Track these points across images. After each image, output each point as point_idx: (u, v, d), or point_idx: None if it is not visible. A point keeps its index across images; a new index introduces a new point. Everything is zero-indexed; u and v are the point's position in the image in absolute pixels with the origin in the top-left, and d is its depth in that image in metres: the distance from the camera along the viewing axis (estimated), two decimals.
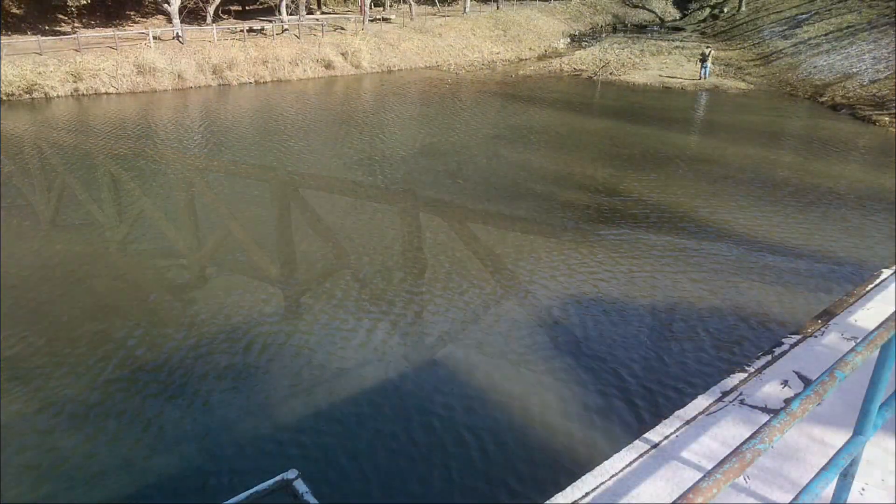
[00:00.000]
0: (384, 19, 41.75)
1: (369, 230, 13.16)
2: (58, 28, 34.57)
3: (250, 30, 34.28)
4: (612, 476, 3.15)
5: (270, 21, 36.56)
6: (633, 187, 15.81)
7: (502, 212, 14.20)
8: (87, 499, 6.48)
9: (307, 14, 38.51)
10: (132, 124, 22.29)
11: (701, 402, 3.76)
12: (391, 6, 48.64)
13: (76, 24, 35.29)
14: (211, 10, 35.16)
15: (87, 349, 8.96)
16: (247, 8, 43.34)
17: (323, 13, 44.69)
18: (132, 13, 38.95)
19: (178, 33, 31.35)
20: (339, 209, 14.34)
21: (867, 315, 4.65)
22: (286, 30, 34.93)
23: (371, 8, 41.93)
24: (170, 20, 32.32)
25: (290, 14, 36.76)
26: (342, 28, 37.85)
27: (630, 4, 64.59)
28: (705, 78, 30.44)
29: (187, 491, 6.58)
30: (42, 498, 6.50)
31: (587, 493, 3.04)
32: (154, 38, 30.78)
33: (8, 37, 31.21)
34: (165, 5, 31.79)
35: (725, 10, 52.20)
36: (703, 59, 30.70)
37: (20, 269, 11.33)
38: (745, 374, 4.02)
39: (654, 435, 3.45)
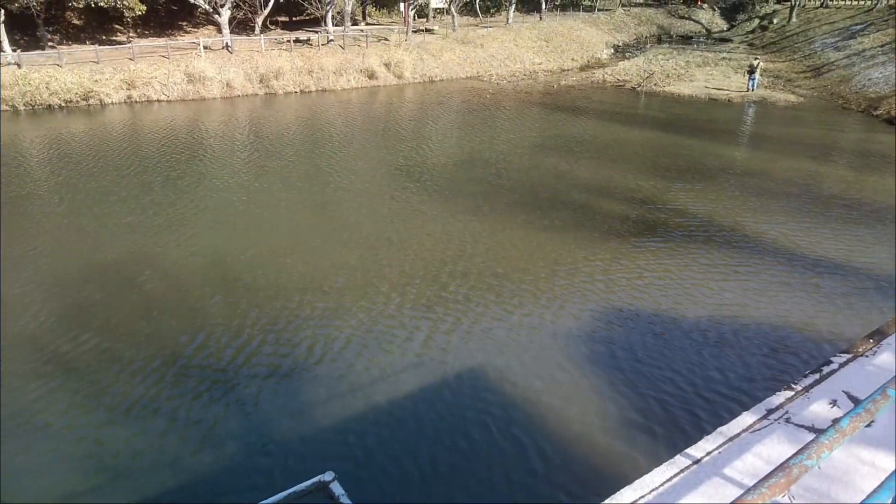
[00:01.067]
0: (427, 30, 42.14)
1: (411, 236, 13.26)
2: (114, 38, 36.03)
3: (297, 40, 35.06)
4: (652, 490, 3.11)
5: (316, 32, 37.33)
6: (677, 199, 15.56)
7: (543, 221, 14.14)
8: (135, 492, 6.69)
9: (352, 25, 39.19)
10: (183, 131, 23.02)
11: (745, 419, 3.67)
12: (434, 17, 49.09)
13: (131, 34, 36.73)
14: (259, 21, 36.11)
15: (138, 348, 9.27)
16: (294, 19, 44.35)
17: (368, 24, 45.38)
18: (184, 24, 40.34)
19: (227, 43, 32.29)
20: (380, 215, 14.50)
21: None
22: (331, 40, 35.61)
23: (414, 19, 42.40)
24: (220, 30, 33.33)
25: (336, 25, 37.46)
26: (386, 39, 38.37)
27: (676, 15, 63.80)
28: (753, 90, 29.77)
29: (229, 488, 6.73)
30: (92, 488, 6.74)
31: None
32: (204, 47, 31.77)
33: (68, 46, 32.67)
34: (216, 16, 32.81)
35: (775, 20, 51.06)
36: (751, 71, 30.05)
37: (75, 269, 11.79)
38: (792, 393, 3.91)
39: (695, 451, 3.39)
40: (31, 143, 21.27)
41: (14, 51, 28.49)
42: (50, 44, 32.27)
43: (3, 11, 28.12)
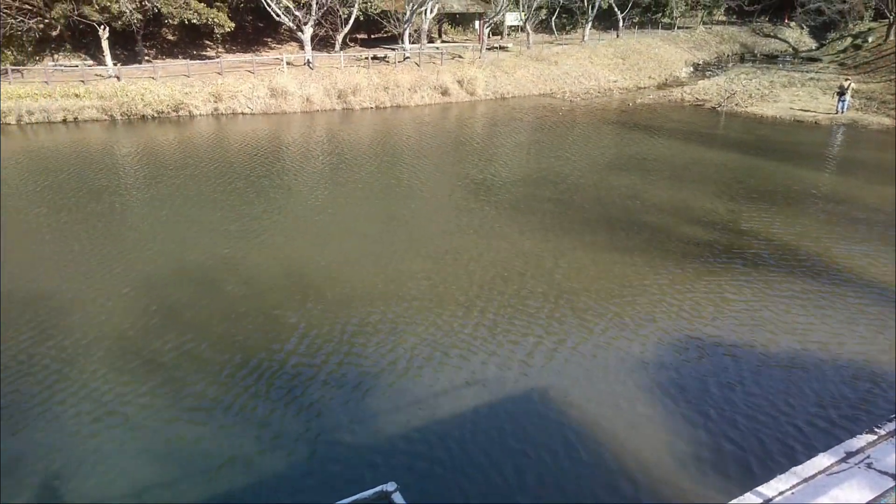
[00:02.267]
0: (501, 48, 42.42)
1: (479, 251, 13.36)
2: (204, 53, 38.17)
3: (374, 57, 36.08)
4: None
5: (393, 49, 38.30)
6: (758, 224, 14.98)
7: (615, 242, 13.94)
8: (204, 490, 7.03)
9: (428, 43, 39.96)
10: (266, 142, 24.09)
11: (822, 460, 3.53)
12: (509, 35, 49.36)
13: (220, 50, 38.81)
14: (340, 38, 37.40)
15: (217, 349, 9.76)
16: (372, 37, 45.61)
17: (443, 42, 46.14)
18: (269, 40, 42.27)
19: (308, 59, 33.59)
20: (451, 229, 14.69)
21: None
22: (407, 58, 36.42)
23: (489, 37, 42.77)
24: (302, 47, 34.72)
25: (413, 43, 38.30)
26: (460, 56, 38.89)
27: (760, 33, 61.58)
28: (843, 112, 28.30)
29: (294, 491, 6.98)
30: (163, 482, 7.14)
31: None
32: (287, 63, 33.19)
33: (162, 60, 34.89)
34: (299, 34, 34.21)
35: (870, 39, 48.41)
36: (842, 92, 28.58)
37: (166, 271, 12.54)
38: (875, 437, 3.72)
39: (767, 489, 3.29)
40: (128, 152, 22.79)
41: (115, 65, 30.73)
42: (146, 58, 34.58)
43: (107, 29, 30.40)
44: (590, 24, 47.15)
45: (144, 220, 15.55)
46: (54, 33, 32.87)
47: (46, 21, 31.11)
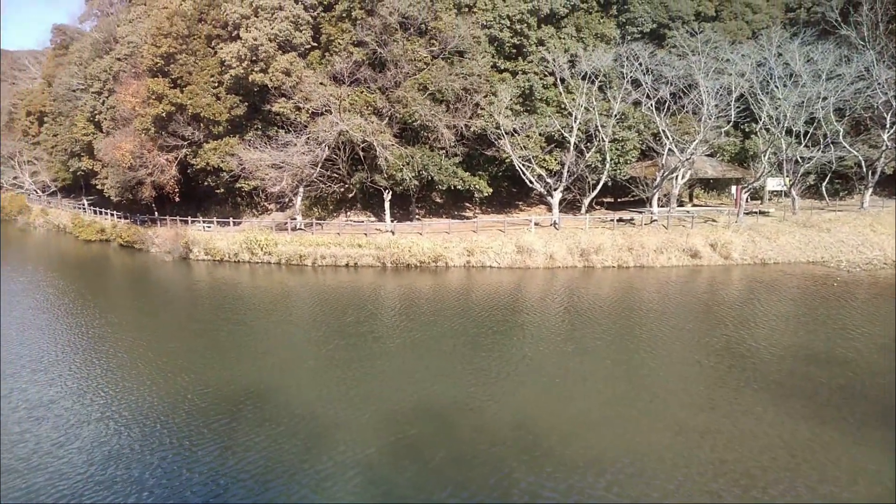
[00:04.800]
0: (761, 212, 39.91)
1: (729, 436, 11.77)
2: (463, 213, 42.58)
3: (619, 219, 36.56)
4: None
5: (640, 212, 38.44)
6: None
7: None
8: None
9: (678, 206, 39.37)
10: (510, 294, 25.27)
11: None
12: (770, 200, 46.47)
13: (477, 211, 43.01)
14: (586, 202, 38.92)
15: (447, 489, 9.80)
16: (618, 200, 46.58)
17: (694, 206, 45.06)
18: (520, 203, 45.75)
19: (555, 221, 35.36)
20: (694, 399, 13.30)
21: None
22: (654, 220, 36.17)
23: (747, 201, 40.71)
24: (550, 209, 36.82)
25: (661, 206, 38.08)
26: (713, 220, 37.40)
27: None
28: None
29: None
30: None
31: None
32: (535, 224, 35.27)
33: (429, 219, 39.66)
34: (548, 198, 36.49)
35: None
36: None
37: (407, 407, 13.27)
38: None
39: None
40: (398, 295, 25.65)
41: (392, 221, 35.82)
42: (417, 216, 39.67)
43: (390, 192, 35.98)
44: (870, 189, 42.32)
45: (402, 359, 16.94)
46: (350, 195, 39.79)
47: (346, 186, 37.96)
